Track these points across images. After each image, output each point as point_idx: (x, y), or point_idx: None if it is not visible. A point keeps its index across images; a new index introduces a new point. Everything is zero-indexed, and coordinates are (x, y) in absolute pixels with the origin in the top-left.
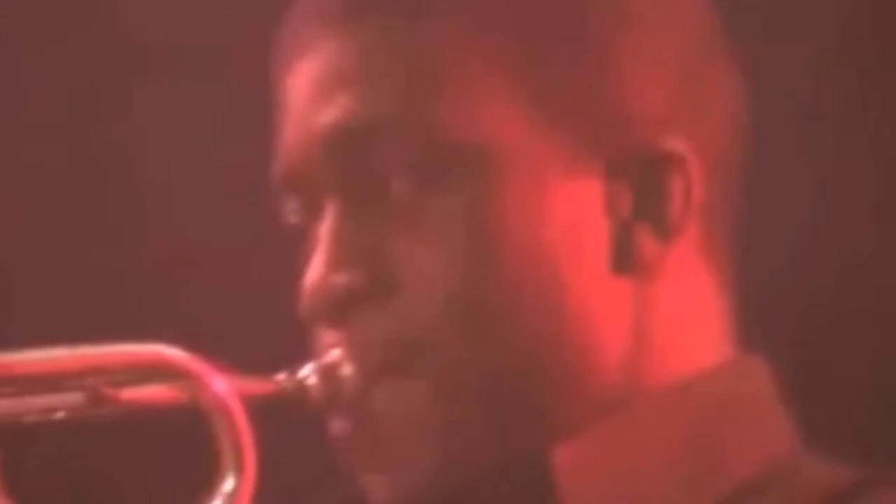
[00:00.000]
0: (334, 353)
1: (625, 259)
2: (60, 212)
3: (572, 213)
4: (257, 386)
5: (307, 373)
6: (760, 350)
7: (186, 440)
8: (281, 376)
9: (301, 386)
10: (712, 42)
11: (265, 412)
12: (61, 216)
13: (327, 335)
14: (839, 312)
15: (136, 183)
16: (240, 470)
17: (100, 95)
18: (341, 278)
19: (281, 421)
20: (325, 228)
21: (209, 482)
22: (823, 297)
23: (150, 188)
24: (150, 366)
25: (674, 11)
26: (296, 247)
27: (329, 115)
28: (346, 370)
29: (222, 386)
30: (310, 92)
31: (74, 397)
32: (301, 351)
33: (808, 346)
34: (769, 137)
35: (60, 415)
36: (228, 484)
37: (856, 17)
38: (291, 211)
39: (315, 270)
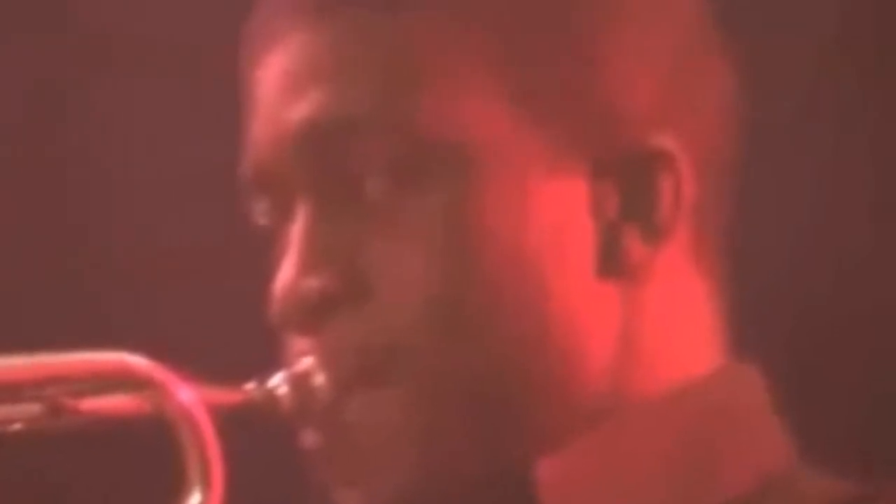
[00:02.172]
0: (306, 362)
1: (611, 262)
2: (21, 212)
3: (556, 213)
4: (225, 395)
5: (277, 382)
6: (755, 356)
7: (151, 452)
8: (250, 385)
9: (271, 396)
10: (703, 39)
11: (233, 423)
12: (22, 217)
13: (299, 342)
14: (836, 317)
15: (100, 183)
16: (206, 483)
17: (63, 92)
18: (313, 282)
19: (250, 432)
20: (296, 230)
21: (175, 496)
22: (820, 301)
23: (114, 188)
24: (112, 374)
25: (664, 7)
26: (266, 249)
27: (300, 110)
28: (319, 379)
29: (188, 395)
30: (280, 86)
31: (32, 408)
32: (271, 359)
33: (804, 351)
34: (768, 137)
35: (18, 426)
36: (195, 498)
37: (855, 17)
38: (261, 211)
39: (286, 274)
